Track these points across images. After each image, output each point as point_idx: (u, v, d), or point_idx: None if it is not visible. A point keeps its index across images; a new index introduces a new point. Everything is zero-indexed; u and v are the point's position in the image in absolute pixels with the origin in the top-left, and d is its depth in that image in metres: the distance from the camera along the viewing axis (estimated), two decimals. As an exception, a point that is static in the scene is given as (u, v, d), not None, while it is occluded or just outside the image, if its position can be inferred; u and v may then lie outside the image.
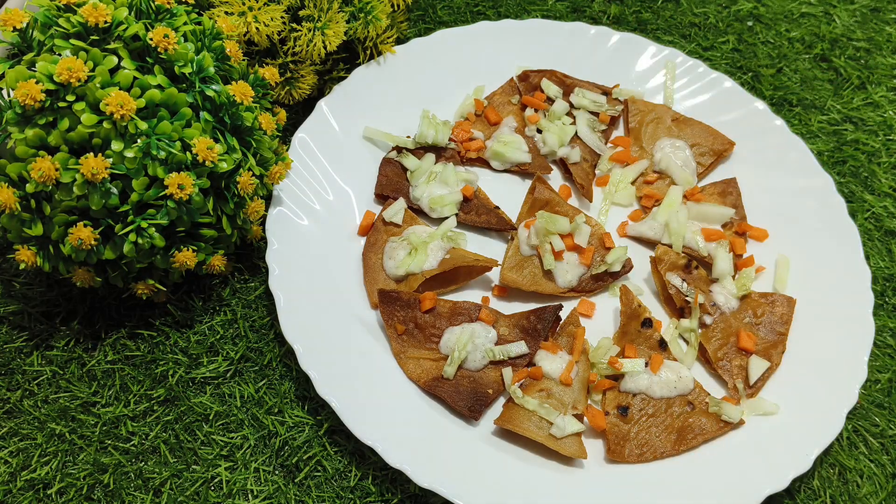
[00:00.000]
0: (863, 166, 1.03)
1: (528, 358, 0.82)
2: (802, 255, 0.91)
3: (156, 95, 0.72)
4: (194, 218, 0.75)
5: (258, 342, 0.84)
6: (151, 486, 0.75)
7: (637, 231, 0.94)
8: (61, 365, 0.81)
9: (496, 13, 1.16)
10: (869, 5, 1.22)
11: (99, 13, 0.71)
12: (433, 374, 0.80)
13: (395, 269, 0.86)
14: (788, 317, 0.86)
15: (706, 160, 0.98)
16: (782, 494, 0.76)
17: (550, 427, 0.76)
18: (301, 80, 0.94)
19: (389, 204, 0.91)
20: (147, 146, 0.70)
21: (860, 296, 0.86)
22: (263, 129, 0.81)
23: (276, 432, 0.79)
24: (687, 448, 0.78)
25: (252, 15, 0.87)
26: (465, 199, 0.93)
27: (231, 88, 0.76)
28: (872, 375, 0.86)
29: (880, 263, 0.95)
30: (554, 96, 1.02)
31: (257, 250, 0.90)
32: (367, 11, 0.95)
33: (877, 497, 0.79)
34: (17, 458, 0.76)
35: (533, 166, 0.97)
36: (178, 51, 0.73)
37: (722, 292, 0.87)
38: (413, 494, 0.75)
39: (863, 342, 0.83)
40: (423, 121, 0.97)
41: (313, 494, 0.76)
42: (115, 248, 0.73)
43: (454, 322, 0.83)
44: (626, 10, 1.18)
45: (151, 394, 0.80)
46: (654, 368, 0.81)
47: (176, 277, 0.80)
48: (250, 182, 0.78)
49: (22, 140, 0.69)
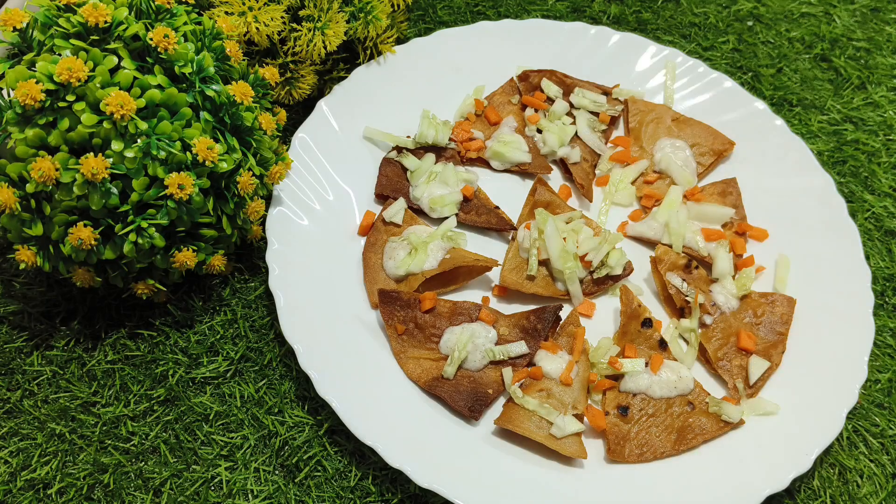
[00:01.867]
0: (863, 166, 1.03)
1: (528, 358, 0.82)
2: (802, 255, 0.91)
3: (156, 95, 0.72)
4: (194, 218, 0.75)
5: (258, 342, 0.84)
6: (151, 486, 0.75)
7: (637, 231, 0.94)
8: (61, 365, 0.81)
9: (496, 13, 1.16)
10: (869, 5, 1.22)
11: (99, 13, 0.71)
12: (433, 374, 0.80)
13: (395, 269, 0.86)
14: (788, 317, 0.86)
15: (706, 160, 0.98)
16: (782, 494, 0.76)
17: (550, 427, 0.76)
18: (301, 80, 0.94)
19: (389, 204, 0.91)
20: (147, 146, 0.70)
21: (860, 296, 0.86)
22: (263, 129, 0.81)
23: (276, 432, 0.79)
24: (687, 448, 0.78)
25: (252, 15, 0.87)
26: (465, 199, 0.93)
27: (231, 88, 0.76)
28: (872, 375, 0.86)
29: (880, 263, 0.95)
30: (554, 96, 1.02)
31: (257, 250, 0.90)
32: (367, 11, 0.95)
33: (877, 497, 0.79)
34: (17, 458, 0.76)
35: (533, 166, 0.97)
36: (178, 51, 0.73)
37: (722, 292, 0.87)
38: (413, 494, 0.75)
39: (863, 342, 0.83)
40: (423, 121, 0.97)
41: (313, 494, 0.76)
42: (115, 248, 0.73)
43: (454, 322, 0.83)
44: (626, 10, 1.18)
45: (151, 394, 0.80)
46: (654, 368, 0.81)
47: (176, 277, 0.81)
48: (250, 182, 0.78)
49: (22, 140, 0.69)
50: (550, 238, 0.86)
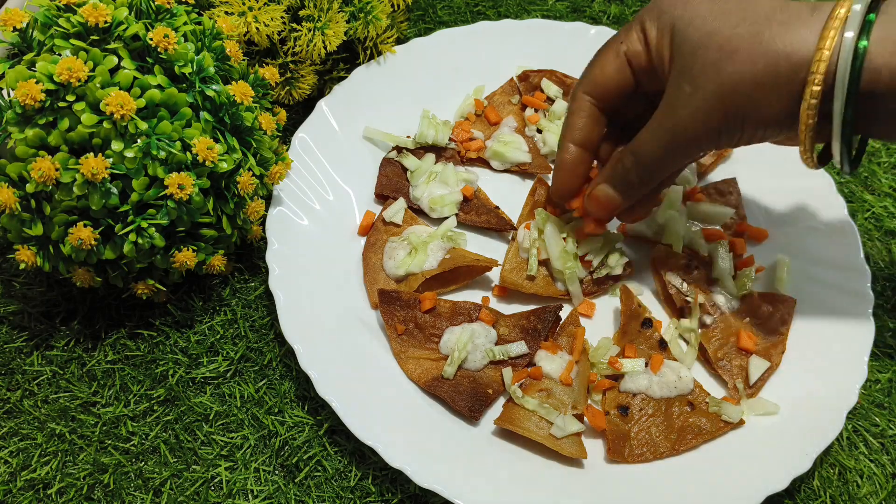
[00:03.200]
0: (863, 166, 1.03)
1: (528, 358, 0.82)
2: (802, 255, 0.91)
3: (156, 95, 0.72)
4: (194, 218, 0.75)
5: (258, 342, 0.84)
6: (151, 486, 0.75)
7: (637, 231, 0.93)
8: (61, 365, 0.81)
9: (496, 13, 1.16)
10: (869, 5, 1.22)
11: (99, 13, 0.71)
12: (433, 374, 0.80)
13: (395, 269, 0.86)
14: (788, 317, 0.86)
15: (706, 160, 0.98)
16: (782, 494, 0.76)
17: (550, 427, 0.76)
18: (301, 80, 0.94)
19: (389, 204, 0.91)
20: (147, 146, 0.70)
21: (860, 296, 0.86)
22: (263, 129, 0.81)
23: (276, 432, 0.79)
24: (687, 448, 0.78)
25: (252, 15, 0.87)
26: (465, 199, 0.93)
27: (231, 88, 0.76)
28: (872, 375, 0.86)
29: (880, 263, 0.95)
30: (554, 96, 1.02)
31: (257, 250, 0.90)
32: (367, 11, 0.95)
33: (877, 497, 0.79)
34: (17, 458, 0.76)
35: (533, 166, 0.97)
36: (178, 51, 0.73)
37: (722, 292, 0.87)
38: (413, 494, 0.76)
39: (863, 342, 0.83)
40: (423, 121, 0.97)
41: (313, 494, 0.76)
42: (115, 248, 0.73)
43: (454, 322, 0.83)
44: (626, 10, 1.18)
45: (151, 394, 0.80)
46: (654, 368, 0.81)
47: (176, 277, 0.81)
48: (250, 182, 0.78)
49: (22, 140, 0.69)
50: (550, 238, 0.86)
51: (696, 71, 0.66)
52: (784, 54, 0.63)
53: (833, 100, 0.62)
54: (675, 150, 0.71)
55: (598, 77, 0.76)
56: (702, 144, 0.70)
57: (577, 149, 0.79)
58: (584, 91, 0.77)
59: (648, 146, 0.72)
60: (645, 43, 0.72)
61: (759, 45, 0.63)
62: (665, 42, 0.69)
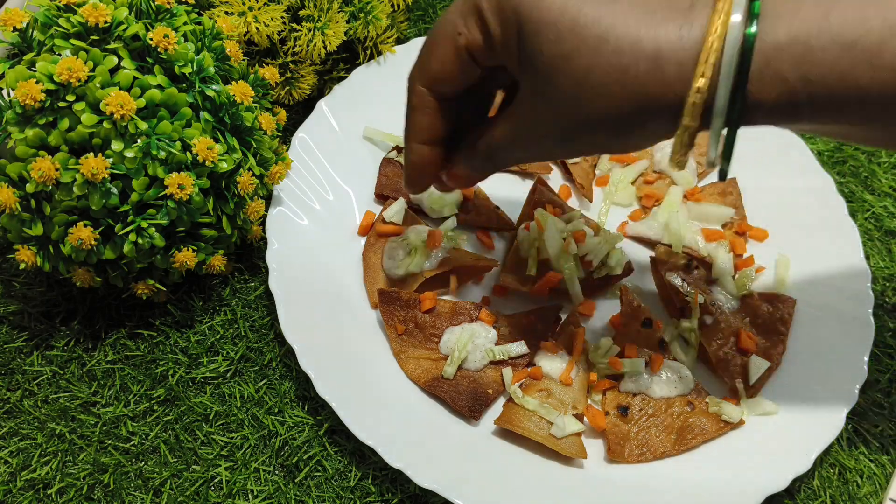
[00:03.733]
0: (863, 166, 1.03)
1: (528, 358, 0.82)
2: (802, 255, 0.91)
3: (156, 95, 0.72)
4: (194, 218, 0.75)
5: (258, 342, 0.84)
6: (151, 486, 0.75)
7: (637, 231, 0.94)
8: (61, 365, 0.81)
9: (496, 13, 1.16)
10: (869, 5, 1.22)
11: (99, 13, 0.71)
12: (433, 374, 0.80)
13: (395, 269, 0.86)
14: (788, 317, 0.86)
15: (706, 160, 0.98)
16: (782, 494, 0.76)
17: (550, 427, 0.76)
18: (301, 80, 0.94)
19: (389, 204, 0.91)
20: (147, 146, 0.70)
21: (860, 296, 0.86)
22: (263, 129, 0.81)
23: (276, 432, 0.79)
24: (687, 448, 0.78)
25: (252, 15, 0.87)
26: (465, 199, 0.93)
27: (231, 88, 0.76)
28: (872, 375, 0.86)
29: (880, 263, 0.95)
30: (554, 96, 1.01)
31: (257, 250, 0.90)
32: (367, 11, 0.95)
33: (877, 497, 0.79)
34: (17, 458, 0.76)
35: (533, 166, 0.97)
36: (178, 51, 0.73)
37: (722, 292, 0.87)
38: (413, 494, 0.75)
39: (863, 342, 0.83)
40: (423, 121, 0.96)
41: (313, 494, 0.76)
42: (115, 248, 0.73)
43: (454, 322, 0.83)
44: (626, 10, 1.17)
45: (151, 394, 0.80)
46: (654, 368, 0.81)
47: (176, 277, 0.81)
48: (250, 182, 0.78)
49: (22, 140, 0.69)
50: (550, 238, 0.86)
51: (550, 73, 0.56)
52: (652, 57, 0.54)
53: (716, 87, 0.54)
54: (531, 151, 0.64)
55: (438, 72, 0.64)
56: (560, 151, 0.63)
57: (425, 147, 0.69)
58: (423, 85, 0.67)
59: (503, 143, 0.64)
60: (486, 34, 0.59)
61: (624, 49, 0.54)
62: (511, 33, 0.57)
